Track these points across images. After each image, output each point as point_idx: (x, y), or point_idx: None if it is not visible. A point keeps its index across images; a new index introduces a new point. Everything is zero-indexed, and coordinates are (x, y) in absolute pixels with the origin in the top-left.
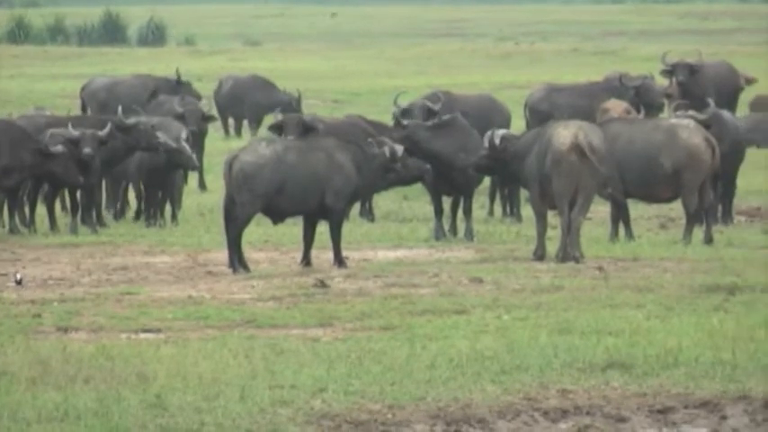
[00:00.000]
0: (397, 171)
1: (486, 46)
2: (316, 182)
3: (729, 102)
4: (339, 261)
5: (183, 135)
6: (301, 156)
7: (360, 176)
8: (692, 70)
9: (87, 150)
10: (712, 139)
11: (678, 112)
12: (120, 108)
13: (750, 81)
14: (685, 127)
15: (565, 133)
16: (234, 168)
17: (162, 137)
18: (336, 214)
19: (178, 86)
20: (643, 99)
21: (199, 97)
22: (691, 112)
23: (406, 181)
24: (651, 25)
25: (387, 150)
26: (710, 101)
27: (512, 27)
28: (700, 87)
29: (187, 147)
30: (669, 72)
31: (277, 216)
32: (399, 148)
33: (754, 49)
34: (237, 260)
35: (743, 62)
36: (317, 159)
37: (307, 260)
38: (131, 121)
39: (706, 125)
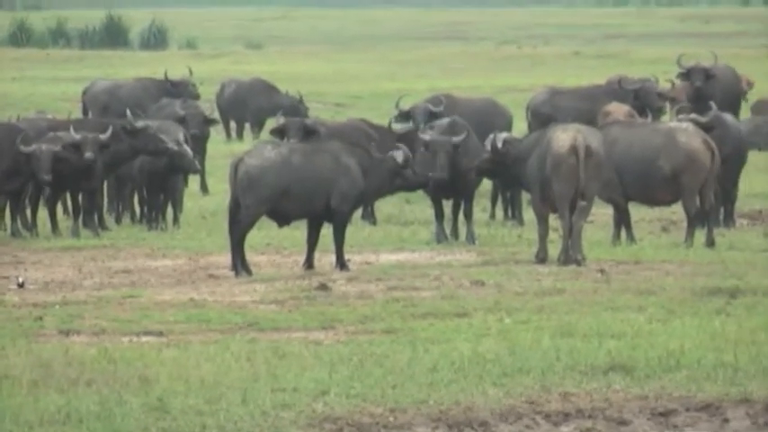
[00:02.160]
0: (404, 176)
1: (487, 49)
2: (321, 185)
3: (733, 105)
4: (341, 264)
5: (181, 137)
6: (307, 159)
7: (366, 180)
8: (708, 75)
9: (89, 155)
10: (711, 143)
11: (680, 116)
12: (128, 111)
13: (749, 85)
14: (684, 130)
15: (564, 137)
16: (239, 171)
17: (167, 140)
18: (341, 217)
19: (174, 87)
20: (642, 102)
21: (197, 97)
22: (692, 116)
23: (413, 187)
24: (653, 28)
25: (400, 155)
26: (712, 104)
27: (513, 30)
28: (709, 91)
29: (189, 149)
30: (685, 75)
31: (282, 219)
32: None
33: (755, 52)
34: (240, 263)
35: (744, 66)
36: (323, 162)
37: (309, 263)
38: (140, 124)
39: (708, 128)
